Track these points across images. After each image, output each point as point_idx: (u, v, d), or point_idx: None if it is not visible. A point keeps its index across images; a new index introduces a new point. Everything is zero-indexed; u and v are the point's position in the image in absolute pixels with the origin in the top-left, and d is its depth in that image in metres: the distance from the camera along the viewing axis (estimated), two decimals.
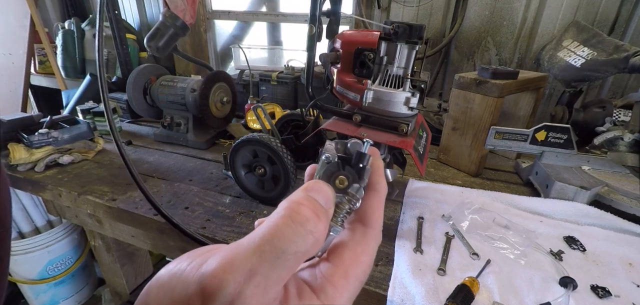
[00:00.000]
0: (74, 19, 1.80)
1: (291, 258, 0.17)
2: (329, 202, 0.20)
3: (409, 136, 0.59)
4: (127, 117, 1.32)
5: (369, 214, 0.22)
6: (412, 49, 0.59)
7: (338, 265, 0.20)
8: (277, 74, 1.41)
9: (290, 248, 0.17)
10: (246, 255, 0.16)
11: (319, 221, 0.18)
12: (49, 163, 0.90)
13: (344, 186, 0.22)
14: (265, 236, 0.17)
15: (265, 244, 0.16)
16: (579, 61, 0.95)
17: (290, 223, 0.17)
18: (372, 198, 0.23)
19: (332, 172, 0.22)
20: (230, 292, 0.15)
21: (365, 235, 0.22)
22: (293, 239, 0.17)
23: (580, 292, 0.53)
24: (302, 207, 0.18)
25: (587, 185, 0.76)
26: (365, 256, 0.21)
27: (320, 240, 0.18)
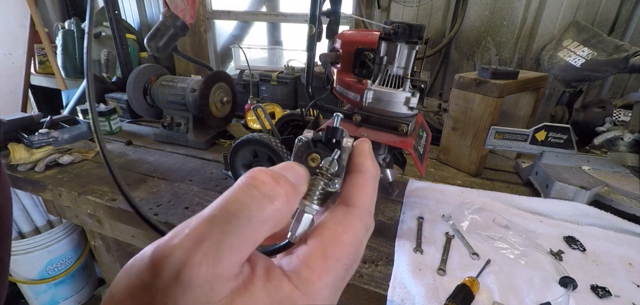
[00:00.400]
0: (74, 19, 1.80)
1: (245, 224, 0.15)
2: (299, 178, 0.19)
3: (409, 136, 0.59)
4: (127, 117, 1.32)
5: (351, 194, 0.20)
6: (412, 49, 0.59)
7: (316, 246, 0.18)
8: (277, 74, 1.41)
9: (243, 212, 0.15)
10: (197, 223, 0.15)
11: (277, 185, 0.17)
12: (49, 163, 0.90)
13: (317, 164, 0.20)
14: (219, 203, 0.16)
15: (217, 210, 0.15)
16: (579, 61, 0.95)
17: (245, 188, 0.16)
18: (355, 178, 0.21)
19: (303, 152, 0.21)
20: (177, 259, 0.14)
21: (347, 213, 0.20)
22: (246, 202, 0.16)
23: (580, 292, 0.53)
24: (260, 173, 0.17)
25: (587, 185, 0.76)
26: (347, 235, 0.19)
27: (282, 209, 0.17)
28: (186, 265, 0.14)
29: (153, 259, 0.14)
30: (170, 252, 0.14)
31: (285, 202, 0.17)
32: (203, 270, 0.14)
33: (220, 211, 0.15)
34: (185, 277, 0.13)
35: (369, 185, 0.21)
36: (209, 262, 0.14)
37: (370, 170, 0.21)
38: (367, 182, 0.21)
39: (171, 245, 0.14)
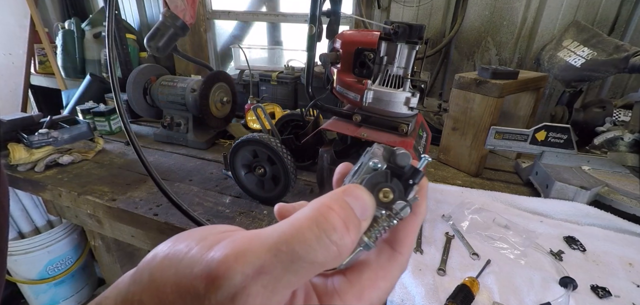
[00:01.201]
0: (74, 19, 1.80)
1: (307, 266, 0.15)
2: (367, 214, 0.18)
3: (409, 136, 0.59)
4: (127, 117, 1.31)
5: (401, 237, 0.20)
6: (412, 49, 0.59)
7: (354, 284, 0.18)
8: (277, 74, 1.41)
9: (309, 255, 0.15)
10: (260, 250, 0.15)
11: (346, 234, 0.16)
12: (49, 163, 0.90)
13: (388, 200, 0.19)
14: (285, 235, 0.15)
15: (282, 244, 0.15)
16: (579, 61, 0.95)
17: (314, 228, 0.15)
18: (409, 222, 0.20)
19: (377, 182, 0.19)
20: (235, 284, 0.14)
21: (391, 259, 0.20)
22: (314, 246, 0.15)
23: (580, 292, 0.53)
24: (332, 213, 0.16)
25: (587, 185, 0.76)
26: (385, 282, 0.19)
27: (343, 255, 0.16)
28: (244, 292, 0.14)
29: (210, 272, 0.14)
30: (230, 274, 0.14)
31: (349, 249, 0.16)
32: (258, 300, 0.14)
33: (286, 248, 0.15)
34: (240, 301, 0.14)
35: (418, 228, 0.21)
36: (265, 294, 0.14)
37: (423, 214, 0.21)
38: (417, 227, 0.21)
39: (232, 268, 0.14)
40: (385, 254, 0.20)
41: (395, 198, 0.19)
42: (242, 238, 0.15)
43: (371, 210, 0.18)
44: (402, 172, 0.19)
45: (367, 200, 0.18)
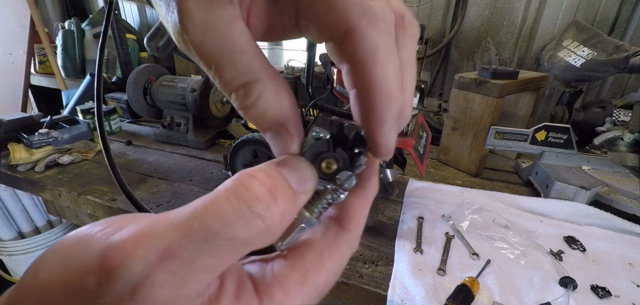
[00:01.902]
0: (74, 19, 1.81)
1: (225, 245, 0.12)
2: (306, 186, 0.16)
3: (409, 136, 0.59)
4: (127, 117, 1.32)
5: (349, 213, 0.18)
6: None
7: (296, 267, 0.16)
8: None
9: (226, 231, 0.12)
10: (167, 230, 0.12)
11: (273, 204, 0.13)
12: (49, 163, 0.90)
13: (331, 171, 0.17)
14: (197, 211, 0.13)
15: (193, 221, 0.12)
16: (579, 61, 0.95)
17: (232, 199, 0.13)
18: (357, 196, 0.18)
19: (318, 152, 0.17)
20: (134, 273, 0.11)
21: (338, 236, 0.17)
22: (231, 220, 0.12)
23: (580, 292, 0.53)
24: (254, 182, 0.14)
25: (587, 185, 0.76)
26: (333, 262, 0.17)
27: (273, 229, 0.14)
28: (146, 282, 0.11)
29: (104, 263, 0.11)
30: (128, 262, 0.11)
31: (279, 223, 0.14)
32: (165, 291, 0.11)
33: (198, 223, 0.12)
34: (142, 295, 0.11)
35: (368, 207, 0.19)
36: (175, 283, 0.12)
37: (373, 190, 0.19)
38: (368, 204, 0.19)
39: (130, 255, 0.11)
40: (331, 231, 0.17)
41: (340, 168, 0.17)
42: (148, 219, 0.13)
43: (311, 182, 0.16)
44: (346, 141, 0.17)
45: (305, 169, 0.16)
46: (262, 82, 0.15)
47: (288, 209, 0.14)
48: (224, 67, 0.15)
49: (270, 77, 0.16)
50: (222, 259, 0.13)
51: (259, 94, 0.16)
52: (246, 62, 0.15)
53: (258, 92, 0.15)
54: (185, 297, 0.12)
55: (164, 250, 0.12)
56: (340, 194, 0.17)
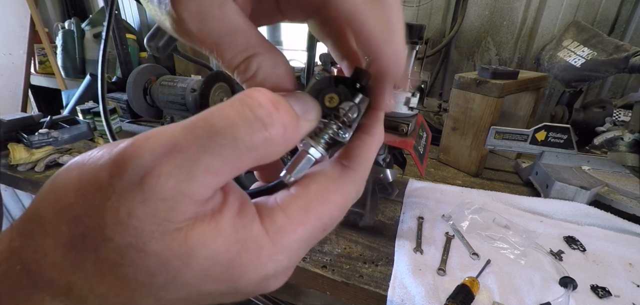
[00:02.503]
0: (74, 19, 1.80)
1: (229, 144, 0.13)
2: (309, 115, 0.16)
3: (409, 136, 0.59)
4: (127, 117, 1.32)
5: (354, 153, 0.18)
6: (412, 49, 0.59)
7: (299, 195, 0.16)
8: None
9: (230, 131, 0.13)
10: (175, 128, 0.13)
11: (275, 112, 0.14)
12: (49, 163, 0.90)
13: (333, 105, 0.18)
14: (202, 114, 0.13)
15: (199, 120, 0.13)
16: (579, 61, 0.95)
17: (236, 103, 0.13)
18: (362, 139, 0.19)
19: (321, 88, 0.18)
20: (143, 164, 0.12)
21: (343, 173, 0.18)
22: (234, 120, 0.13)
23: (580, 292, 0.53)
24: (257, 92, 0.14)
25: (587, 185, 0.76)
26: (337, 196, 0.17)
27: (276, 140, 0.14)
28: (153, 172, 0.12)
29: (116, 157, 0.12)
30: (138, 153, 0.12)
31: (281, 133, 0.14)
32: (171, 183, 0.12)
33: (203, 122, 0.13)
34: (149, 185, 0.12)
35: (374, 150, 0.19)
36: (180, 176, 0.12)
37: (380, 135, 0.19)
38: (373, 148, 0.19)
39: (141, 147, 0.12)
40: (337, 167, 0.18)
41: (342, 100, 0.18)
42: (161, 127, 0.13)
43: (314, 112, 0.17)
44: (347, 79, 0.18)
45: (308, 100, 0.16)
46: (260, 56, 0.17)
47: (291, 125, 0.15)
48: (224, 48, 0.16)
49: (267, 50, 0.17)
50: (226, 161, 0.13)
51: (258, 67, 0.17)
52: (244, 41, 0.16)
53: (257, 65, 0.17)
54: (189, 195, 0.12)
55: (172, 144, 0.12)
56: (345, 130, 0.18)
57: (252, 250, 0.14)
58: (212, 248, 0.13)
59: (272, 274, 0.15)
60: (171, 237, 0.12)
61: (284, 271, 0.16)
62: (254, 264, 0.14)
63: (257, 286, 0.15)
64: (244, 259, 0.14)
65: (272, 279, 0.15)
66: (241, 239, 0.14)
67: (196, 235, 0.13)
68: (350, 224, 0.68)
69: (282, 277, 0.16)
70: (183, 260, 0.13)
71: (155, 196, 0.12)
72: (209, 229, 0.13)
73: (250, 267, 0.14)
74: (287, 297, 0.84)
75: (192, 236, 0.13)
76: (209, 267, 0.13)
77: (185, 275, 0.13)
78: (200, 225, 0.13)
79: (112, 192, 0.12)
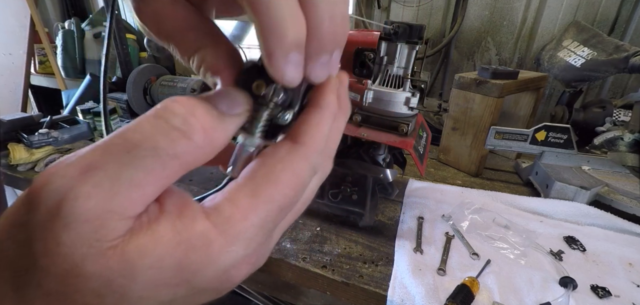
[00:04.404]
0: (74, 19, 1.80)
1: (149, 156, 0.13)
2: (234, 107, 0.16)
3: (409, 136, 0.59)
4: (127, 118, 1.31)
5: (301, 130, 0.17)
6: (412, 49, 0.59)
7: (245, 183, 0.15)
8: None
9: (146, 142, 0.13)
10: (88, 150, 0.13)
11: (192, 118, 0.14)
12: (49, 163, 0.90)
13: (261, 92, 0.17)
14: (119, 131, 0.13)
15: (115, 138, 0.13)
16: (579, 61, 0.95)
17: (150, 116, 0.14)
18: (310, 114, 0.17)
19: (247, 77, 0.17)
20: (57, 189, 0.12)
21: (291, 151, 0.16)
22: (150, 132, 0.13)
23: (580, 292, 0.53)
24: (172, 103, 0.14)
25: (587, 185, 0.76)
26: (286, 174, 0.16)
27: (201, 146, 0.14)
28: (69, 196, 0.12)
29: (29, 191, 0.12)
30: (50, 180, 0.12)
31: (203, 137, 0.14)
32: (92, 203, 0.12)
33: (118, 139, 0.13)
34: (68, 210, 0.11)
35: (325, 122, 0.18)
36: (101, 195, 0.12)
37: (330, 105, 0.18)
38: (324, 119, 0.18)
39: (53, 174, 0.12)
40: (284, 147, 0.17)
41: (270, 88, 0.17)
42: (78, 150, 0.13)
43: (242, 105, 0.16)
44: None
45: (234, 94, 0.16)
46: (205, 49, 0.18)
47: (212, 125, 0.14)
48: (178, 43, 0.18)
49: (212, 43, 0.18)
50: (149, 172, 0.13)
51: (203, 59, 0.18)
52: (193, 36, 0.18)
53: (202, 57, 0.18)
54: (116, 212, 0.12)
55: (87, 164, 0.12)
56: (284, 112, 0.17)
57: (200, 247, 0.14)
58: (154, 255, 0.13)
59: (230, 265, 0.15)
60: (106, 256, 0.12)
61: (245, 260, 0.15)
62: (206, 260, 0.14)
63: (219, 280, 0.15)
64: (192, 258, 0.14)
65: (232, 270, 0.15)
66: (184, 239, 0.14)
67: (133, 249, 0.13)
68: (350, 224, 0.68)
69: (244, 266, 0.16)
70: (126, 275, 0.12)
71: (77, 219, 0.12)
72: (146, 239, 0.13)
73: (202, 263, 0.14)
74: (287, 297, 0.84)
75: (129, 250, 0.13)
76: (157, 275, 0.13)
77: (135, 290, 0.13)
78: (136, 237, 0.13)
79: (34, 226, 0.12)
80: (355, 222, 0.67)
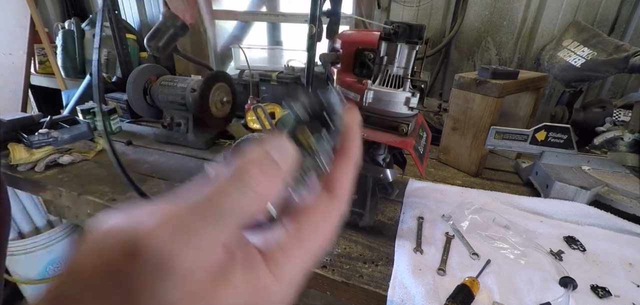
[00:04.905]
0: (74, 19, 1.80)
1: (229, 215, 0.15)
2: (287, 158, 0.18)
3: (409, 136, 0.59)
4: (127, 117, 1.32)
5: (335, 180, 0.20)
6: (412, 49, 0.59)
7: (294, 234, 0.18)
8: (277, 74, 1.40)
9: (227, 204, 0.15)
10: (180, 211, 0.15)
11: (263, 178, 0.16)
12: (49, 163, 0.90)
13: (308, 142, 0.19)
14: (203, 192, 0.15)
15: (201, 201, 0.15)
16: (579, 61, 0.95)
17: (231, 179, 0.16)
18: (340, 163, 0.21)
19: (295, 126, 0.20)
20: (158, 249, 0.14)
21: (329, 203, 0.20)
22: (231, 195, 0.15)
23: (580, 292, 0.53)
24: (246, 163, 0.17)
25: (587, 185, 0.76)
26: (326, 225, 0.19)
27: (266, 199, 0.17)
28: (169, 256, 0.14)
29: (128, 244, 0.14)
30: (151, 242, 0.14)
31: (270, 194, 0.17)
32: (186, 261, 0.14)
33: (204, 202, 0.15)
34: (168, 267, 0.13)
35: (352, 172, 0.21)
36: (192, 253, 0.14)
37: (355, 155, 0.21)
38: (352, 169, 0.21)
39: (151, 234, 0.14)
40: (322, 198, 0.20)
41: (315, 136, 0.19)
42: (163, 205, 0.15)
43: (291, 155, 0.18)
44: (321, 112, 0.20)
45: (284, 145, 0.18)
46: None
47: (278, 183, 0.17)
48: None
49: None
50: (228, 227, 0.15)
51: None
52: None
53: None
54: (202, 265, 0.14)
55: (180, 227, 0.14)
56: (321, 160, 0.19)
57: (263, 293, 0.17)
58: (230, 302, 0.15)
59: (280, 303, 0.18)
60: (195, 303, 0.14)
61: (287, 298, 0.18)
62: (266, 302, 0.17)
63: None
64: (257, 302, 0.16)
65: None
66: (253, 289, 0.16)
67: (215, 296, 0.15)
68: (350, 224, 0.68)
69: (287, 301, 0.19)
70: None
71: (174, 274, 0.14)
72: (226, 289, 0.15)
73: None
74: None
75: (212, 297, 0.15)
76: None
77: None
78: (217, 287, 0.15)
79: (134, 275, 0.13)
80: (355, 222, 0.67)
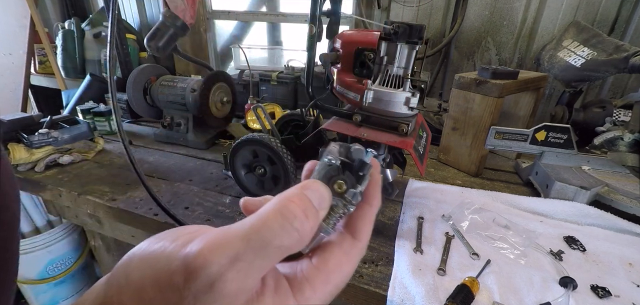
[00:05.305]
0: (74, 19, 1.80)
1: (275, 250, 0.17)
2: (323, 203, 0.21)
3: (409, 136, 0.59)
4: (127, 117, 1.32)
5: (359, 226, 0.23)
6: (412, 49, 0.59)
7: (321, 269, 0.21)
8: (277, 74, 1.41)
9: (275, 241, 0.17)
10: (233, 240, 0.17)
11: (306, 220, 0.19)
12: (49, 163, 0.90)
13: (342, 191, 0.22)
14: (254, 226, 0.17)
15: (252, 233, 0.17)
16: (579, 61, 0.95)
17: (279, 218, 0.18)
18: (365, 211, 0.23)
19: (331, 175, 0.23)
20: (212, 273, 0.16)
21: (352, 246, 0.23)
22: (279, 233, 0.17)
23: (580, 292, 0.53)
24: (292, 205, 0.19)
25: (587, 185, 0.76)
26: (348, 266, 0.22)
27: (305, 239, 0.19)
28: (221, 279, 0.16)
29: (187, 265, 0.16)
30: (207, 265, 0.16)
31: (309, 233, 0.19)
32: (234, 286, 0.16)
33: (255, 236, 0.17)
34: (218, 289, 0.16)
35: (373, 219, 0.24)
36: (240, 278, 0.16)
37: (377, 204, 0.24)
38: (373, 217, 0.24)
39: (208, 259, 0.16)
40: (347, 241, 0.23)
41: (348, 187, 0.22)
42: (214, 233, 0.17)
43: (327, 200, 0.21)
44: (353, 165, 0.23)
45: (323, 191, 0.21)
46: None
47: (315, 223, 0.20)
48: None
49: None
50: (272, 261, 0.18)
51: None
52: None
53: None
54: (245, 290, 0.17)
55: (233, 255, 0.16)
56: (349, 208, 0.22)
57: None
58: None
59: None
60: None
61: None
62: None
63: None
64: None
65: None
66: None
67: None
68: None
69: None
70: None
71: (222, 296, 0.16)
72: None
73: None
74: None
75: None
76: None
77: None
78: None
79: (188, 293, 0.16)
80: None
